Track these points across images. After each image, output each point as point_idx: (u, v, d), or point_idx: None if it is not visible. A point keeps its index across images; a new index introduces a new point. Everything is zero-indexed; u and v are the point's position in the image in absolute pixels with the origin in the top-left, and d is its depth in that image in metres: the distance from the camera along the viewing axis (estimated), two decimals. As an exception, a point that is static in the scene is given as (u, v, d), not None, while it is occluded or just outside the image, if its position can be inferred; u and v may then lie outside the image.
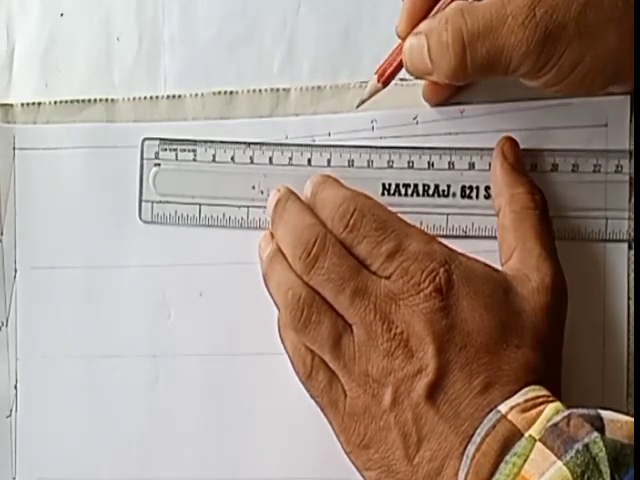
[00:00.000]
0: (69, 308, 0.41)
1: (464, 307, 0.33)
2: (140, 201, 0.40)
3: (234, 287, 0.40)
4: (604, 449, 0.28)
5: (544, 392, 0.32)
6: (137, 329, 0.40)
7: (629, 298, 0.37)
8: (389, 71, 0.37)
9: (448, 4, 0.34)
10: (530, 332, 0.33)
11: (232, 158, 0.40)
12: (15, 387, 0.41)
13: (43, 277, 0.41)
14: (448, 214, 0.38)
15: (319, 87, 0.40)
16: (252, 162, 0.40)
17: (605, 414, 0.30)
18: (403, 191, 0.39)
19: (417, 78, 0.36)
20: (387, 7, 0.40)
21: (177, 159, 0.40)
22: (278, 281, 0.36)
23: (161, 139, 0.40)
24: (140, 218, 0.40)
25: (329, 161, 0.39)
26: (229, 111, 0.40)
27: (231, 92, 0.40)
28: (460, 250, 0.35)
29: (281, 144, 0.39)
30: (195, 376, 0.40)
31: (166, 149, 0.40)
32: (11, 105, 0.42)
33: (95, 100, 0.41)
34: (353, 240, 0.35)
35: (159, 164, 0.40)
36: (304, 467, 0.39)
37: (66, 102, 0.41)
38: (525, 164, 0.37)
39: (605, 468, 0.28)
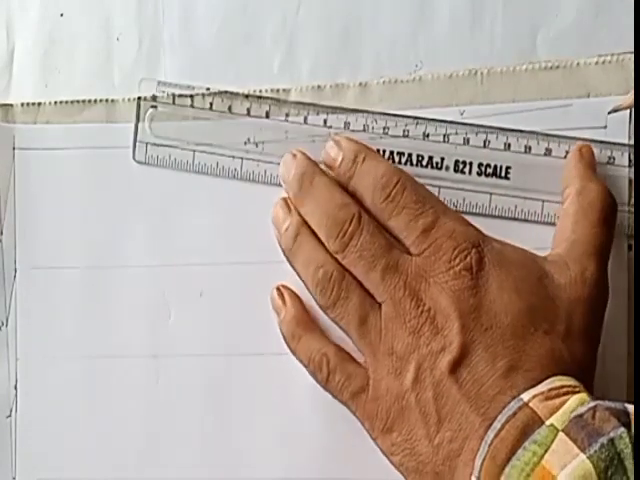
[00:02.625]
0: (69, 308, 0.41)
1: (493, 288, 0.33)
2: (135, 141, 0.40)
3: (234, 287, 0.40)
4: (630, 445, 0.28)
5: (571, 382, 0.31)
6: (137, 329, 0.40)
7: (629, 298, 0.37)
8: None
9: None
10: (562, 321, 0.33)
11: (229, 108, 0.40)
12: (15, 387, 0.41)
13: (43, 277, 0.41)
14: (440, 187, 0.38)
15: (319, 86, 0.40)
16: (249, 114, 0.39)
17: (632, 409, 0.29)
18: (397, 159, 0.38)
19: None
20: (387, 7, 0.40)
21: (174, 103, 0.40)
22: (307, 259, 0.37)
23: (159, 81, 0.40)
24: (134, 158, 0.40)
25: (325, 121, 0.39)
26: (229, 111, 0.40)
27: (232, 93, 0.40)
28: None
29: (278, 100, 0.39)
30: (195, 376, 0.40)
31: (164, 92, 0.40)
32: (11, 105, 0.42)
33: (95, 100, 0.41)
34: (392, 211, 0.35)
35: (156, 106, 0.40)
36: (304, 467, 0.39)
37: (66, 102, 0.41)
38: None
39: (630, 465, 0.28)
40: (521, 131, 0.38)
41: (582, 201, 0.35)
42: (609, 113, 0.37)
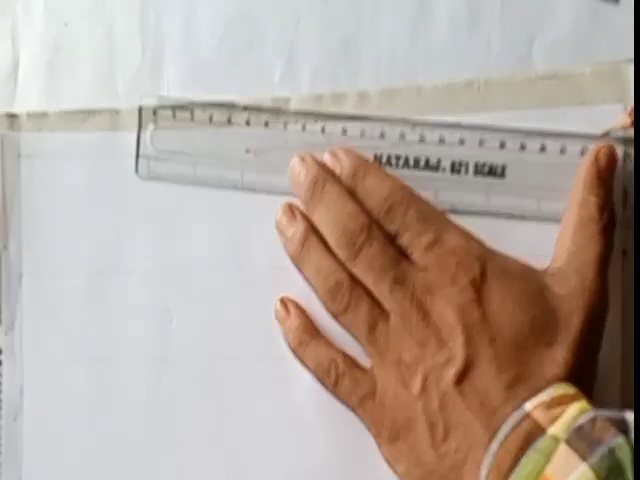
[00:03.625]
0: (73, 313, 0.41)
1: (496, 301, 0.34)
2: (137, 156, 0.41)
3: (236, 293, 0.40)
4: (630, 453, 0.29)
5: (572, 390, 0.32)
6: (140, 334, 0.41)
7: (623, 304, 0.37)
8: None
9: None
10: (563, 332, 0.34)
11: (229, 119, 0.40)
12: (21, 391, 0.41)
13: (48, 283, 0.41)
14: (437, 188, 0.39)
15: (319, 95, 0.40)
16: (248, 125, 0.40)
17: (630, 417, 0.30)
18: (394, 162, 0.39)
19: None
20: (387, 16, 0.40)
21: (175, 118, 0.40)
22: (317, 267, 0.37)
23: (159, 96, 0.40)
24: (137, 174, 0.41)
25: (323, 128, 0.39)
26: (229, 123, 0.40)
27: (231, 105, 0.40)
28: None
29: (277, 110, 0.40)
30: (197, 380, 0.40)
31: (164, 107, 0.40)
32: (16, 114, 0.42)
33: (99, 109, 0.41)
34: (397, 230, 0.36)
35: (157, 121, 0.40)
36: (305, 471, 0.39)
37: (71, 111, 0.41)
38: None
39: (630, 473, 0.28)
40: (516, 129, 0.38)
41: (582, 212, 0.35)
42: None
